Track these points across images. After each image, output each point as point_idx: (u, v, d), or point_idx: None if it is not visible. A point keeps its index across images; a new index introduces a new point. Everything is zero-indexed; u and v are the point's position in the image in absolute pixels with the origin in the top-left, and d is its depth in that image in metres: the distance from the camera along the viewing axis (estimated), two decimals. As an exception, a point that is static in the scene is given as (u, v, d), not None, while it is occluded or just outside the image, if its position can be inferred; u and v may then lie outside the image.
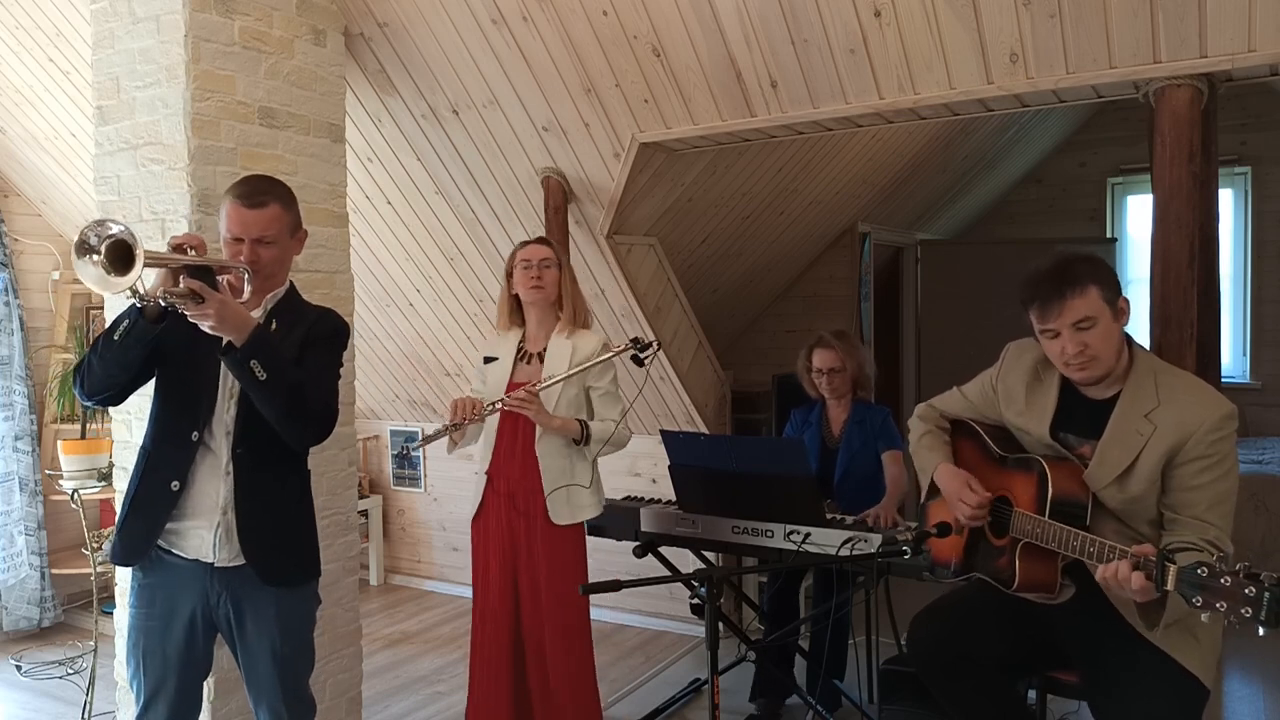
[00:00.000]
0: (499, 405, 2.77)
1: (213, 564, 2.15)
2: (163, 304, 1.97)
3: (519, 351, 2.96)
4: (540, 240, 3.00)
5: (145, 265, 1.85)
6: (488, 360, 3.00)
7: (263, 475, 2.18)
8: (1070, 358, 2.08)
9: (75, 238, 1.87)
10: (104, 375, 2.11)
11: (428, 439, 2.76)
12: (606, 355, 2.83)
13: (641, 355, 2.77)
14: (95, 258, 1.85)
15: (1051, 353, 2.15)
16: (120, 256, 1.85)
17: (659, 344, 2.89)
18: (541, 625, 2.86)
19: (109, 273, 1.85)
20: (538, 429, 2.84)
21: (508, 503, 2.89)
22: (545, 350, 2.92)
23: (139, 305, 1.98)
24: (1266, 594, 1.57)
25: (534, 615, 2.87)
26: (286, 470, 2.25)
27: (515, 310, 3.00)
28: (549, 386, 2.78)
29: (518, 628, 2.90)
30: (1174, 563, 1.72)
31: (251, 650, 2.21)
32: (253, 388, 2.05)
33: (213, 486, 2.16)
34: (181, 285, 1.96)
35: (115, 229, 1.85)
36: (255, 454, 2.16)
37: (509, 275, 2.97)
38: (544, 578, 2.85)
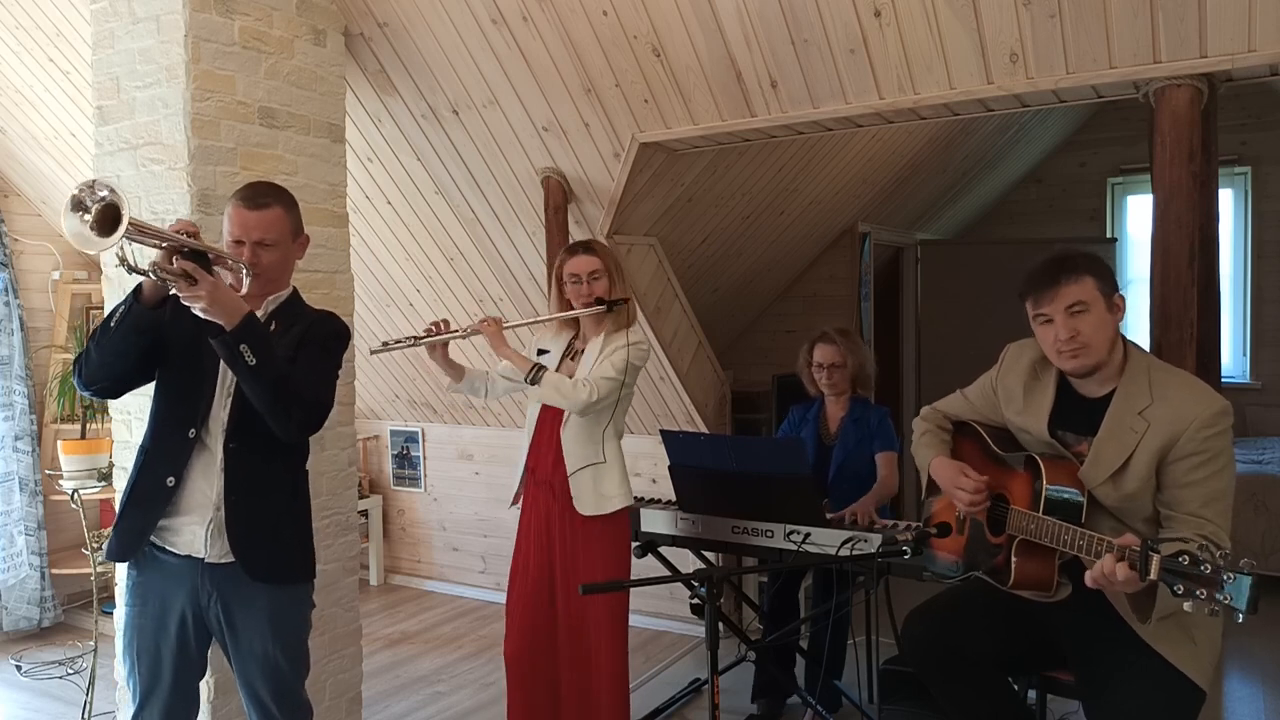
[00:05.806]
0: (465, 331, 2.85)
1: (203, 560, 2.15)
2: (154, 276, 1.95)
3: (568, 348, 2.99)
4: (586, 249, 2.93)
5: (136, 238, 1.87)
6: (541, 353, 3.02)
7: (254, 470, 2.18)
8: (1062, 344, 2.09)
9: (70, 193, 1.87)
10: (101, 363, 2.11)
11: (390, 345, 2.86)
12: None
13: (607, 301, 2.86)
14: (85, 216, 1.86)
15: (1045, 342, 2.16)
16: (110, 220, 1.85)
17: (624, 301, 2.92)
18: (575, 616, 2.87)
19: (94, 232, 1.85)
20: (565, 415, 2.87)
21: (546, 491, 2.92)
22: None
23: (129, 272, 1.96)
24: (1246, 579, 1.62)
25: (567, 607, 2.89)
26: (279, 466, 2.25)
27: (568, 306, 2.95)
28: (516, 327, 2.99)
29: (553, 617, 2.92)
30: (1157, 552, 1.75)
31: (243, 653, 2.21)
32: (242, 373, 2.04)
33: (206, 482, 2.16)
34: (175, 265, 1.96)
35: (103, 192, 1.85)
36: (248, 448, 2.16)
37: (559, 282, 2.95)
38: (576, 569, 2.86)
